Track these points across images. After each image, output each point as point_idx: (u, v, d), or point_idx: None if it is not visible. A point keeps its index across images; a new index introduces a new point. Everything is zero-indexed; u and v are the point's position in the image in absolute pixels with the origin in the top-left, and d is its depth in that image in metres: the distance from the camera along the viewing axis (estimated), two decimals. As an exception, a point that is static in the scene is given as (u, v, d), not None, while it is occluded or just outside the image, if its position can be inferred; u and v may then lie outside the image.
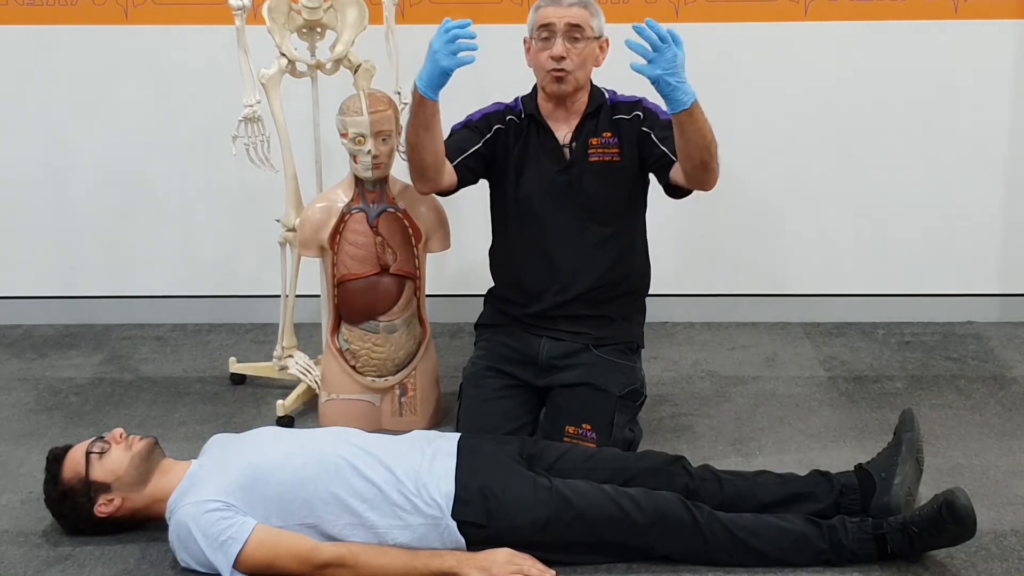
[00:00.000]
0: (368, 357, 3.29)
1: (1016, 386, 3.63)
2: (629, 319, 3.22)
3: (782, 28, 4.00)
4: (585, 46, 3.04)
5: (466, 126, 3.19)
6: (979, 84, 4.03)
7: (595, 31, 3.07)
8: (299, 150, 3.45)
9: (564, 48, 3.02)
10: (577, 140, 3.12)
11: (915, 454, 2.73)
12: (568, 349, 3.14)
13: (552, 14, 3.04)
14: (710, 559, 2.59)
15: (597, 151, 3.11)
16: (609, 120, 3.13)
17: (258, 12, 3.32)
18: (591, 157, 3.11)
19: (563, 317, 3.14)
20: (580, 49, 3.04)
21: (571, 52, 3.03)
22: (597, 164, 3.11)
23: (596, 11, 3.09)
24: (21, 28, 4.06)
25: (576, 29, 3.03)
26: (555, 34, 3.02)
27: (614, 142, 3.12)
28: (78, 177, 4.20)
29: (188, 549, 2.55)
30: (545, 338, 3.15)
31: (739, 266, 4.23)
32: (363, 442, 2.71)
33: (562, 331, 3.15)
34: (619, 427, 3.04)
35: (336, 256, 3.26)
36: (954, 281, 4.20)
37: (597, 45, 3.09)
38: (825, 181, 4.14)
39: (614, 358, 3.14)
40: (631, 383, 3.12)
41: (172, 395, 3.66)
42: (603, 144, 3.11)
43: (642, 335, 3.27)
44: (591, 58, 3.09)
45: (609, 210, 3.13)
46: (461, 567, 2.51)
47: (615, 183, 3.13)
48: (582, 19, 3.04)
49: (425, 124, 2.93)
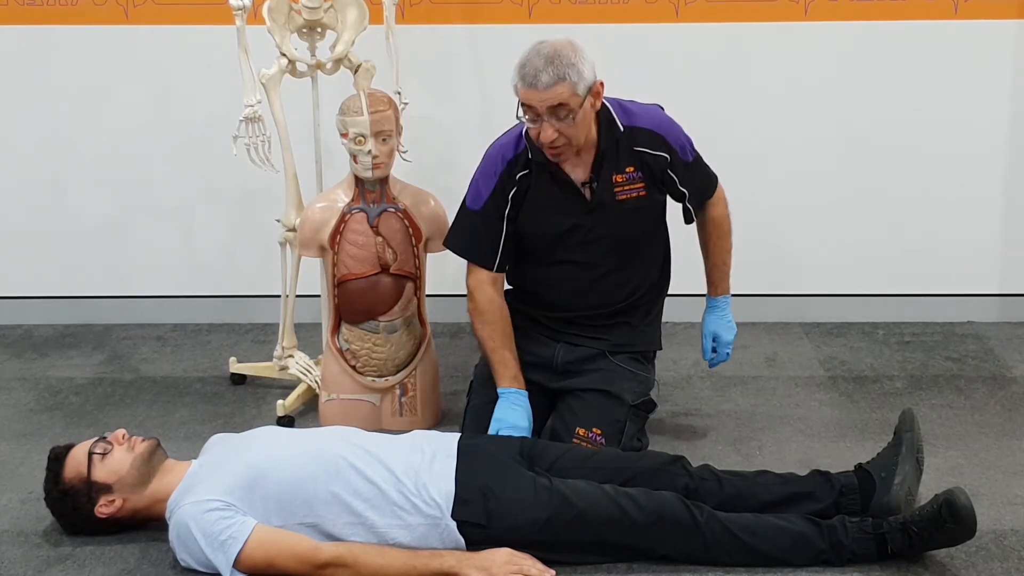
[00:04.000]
0: (368, 357, 3.30)
1: (1016, 386, 3.63)
2: (650, 322, 3.19)
3: (782, 28, 4.00)
4: (576, 116, 2.81)
5: (482, 212, 3.00)
6: (979, 84, 4.03)
7: (582, 94, 2.80)
8: (299, 150, 3.45)
9: (553, 130, 2.81)
10: (598, 180, 2.95)
11: (915, 454, 2.73)
12: (584, 355, 3.10)
13: (532, 98, 2.80)
14: (710, 559, 2.59)
15: (624, 189, 2.96)
16: (630, 152, 2.95)
17: (258, 12, 3.32)
18: (619, 196, 2.95)
19: (585, 325, 3.10)
20: (572, 123, 2.82)
21: (562, 129, 2.82)
22: (626, 202, 2.97)
23: (577, 72, 2.79)
24: (21, 28, 4.06)
25: (561, 108, 2.79)
26: (540, 116, 2.81)
27: (638, 176, 2.96)
28: (78, 177, 4.20)
29: (188, 549, 2.55)
30: (561, 344, 3.11)
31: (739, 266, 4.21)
32: (363, 442, 2.71)
33: (580, 336, 3.11)
34: (629, 436, 3.02)
35: (336, 256, 3.26)
36: (954, 281, 4.20)
37: (590, 100, 2.84)
38: (825, 181, 4.14)
39: (629, 367, 3.10)
40: (644, 394, 3.10)
41: (172, 395, 3.66)
42: (628, 180, 2.96)
43: (660, 337, 3.23)
44: (587, 119, 2.86)
45: (638, 239, 3.06)
46: (461, 567, 2.51)
47: (643, 216, 3.03)
48: (563, 96, 2.78)
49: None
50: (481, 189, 3.01)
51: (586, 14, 3.99)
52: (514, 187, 2.98)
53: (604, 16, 3.99)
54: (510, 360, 3.03)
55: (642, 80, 4.03)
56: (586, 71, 2.81)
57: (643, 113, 3.00)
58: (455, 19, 3.99)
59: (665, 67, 4.04)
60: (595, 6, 3.99)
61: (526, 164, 2.98)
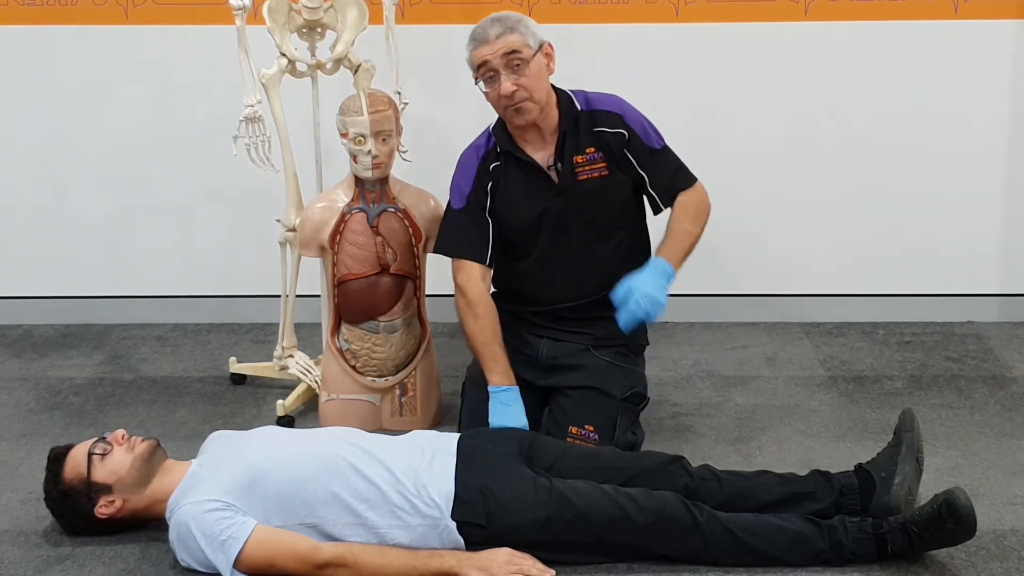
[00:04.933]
0: (368, 357, 3.30)
1: (1016, 386, 3.63)
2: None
3: (782, 28, 4.00)
4: (530, 67, 2.93)
5: (467, 209, 3.08)
6: (979, 84, 4.03)
7: (533, 46, 2.95)
8: (299, 150, 3.45)
9: (511, 81, 2.92)
10: (562, 161, 3.03)
11: (915, 454, 2.73)
12: (568, 350, 3.12)
13: (485, 52, 2.94)
14: (710, 559, 2.59)
15: (585, 169, 3.03)
16: (590, 133, 3.03)
17: (258, 12, 3.32)
18: (580, 176, 3.03)
19: (569, 318, 3.12)
20: (526, 73, 2.93)
21: (519, 81, 2.93)
22: (587, 183, 3.03)
23: (526, 26, 2.96)
24: (21, 28, 4.06)
25: (514, 56, 2.92)
26: (496, 71, 2.93)
27: (599, 156, 3.03)
28: (78, 177, 4.20)
29: (188, 548, 2.55)
30: (545, 339, 3.14)
31: (739, 266, 4.22)
32: (363, 442, 2.71)
33: (564, 331, 3.14)
34: (622, 429, 3.04)
35: (336, 256, 3.26)
36: (954, 281, 4.20)
37: (542, 56, 2.97)
38: (825, 181, 4.14)
39: (616, 361, 3.12)
40: (633, 386, 3.11)
41: (172, 395, 3.66)
42: (589, 161, 3.03)
43: (646, 331, 3.25)
44: (541, 74, 2.98)
45: (609, 222, 3.09)
46: (461, 567, 2.51)
47: (609, 197, 3.07)
48: (516, 43, 2.92)
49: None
50: (462, 187, 3.10)
51: (586, 14, 3.99)
52: (490, 179, 3.07)
53: (604, 16, 3.99)
54: (500, 355, 3.05)
55: (642, 80, 4.05)
56: (534, 27, 2.98)
57: (602, 98, 3.09)
58: (455, 19, 3.98)
59: (665, 67, 4.04)
60: (595, 6, 3.99)
61: (496, 155, 3.08)
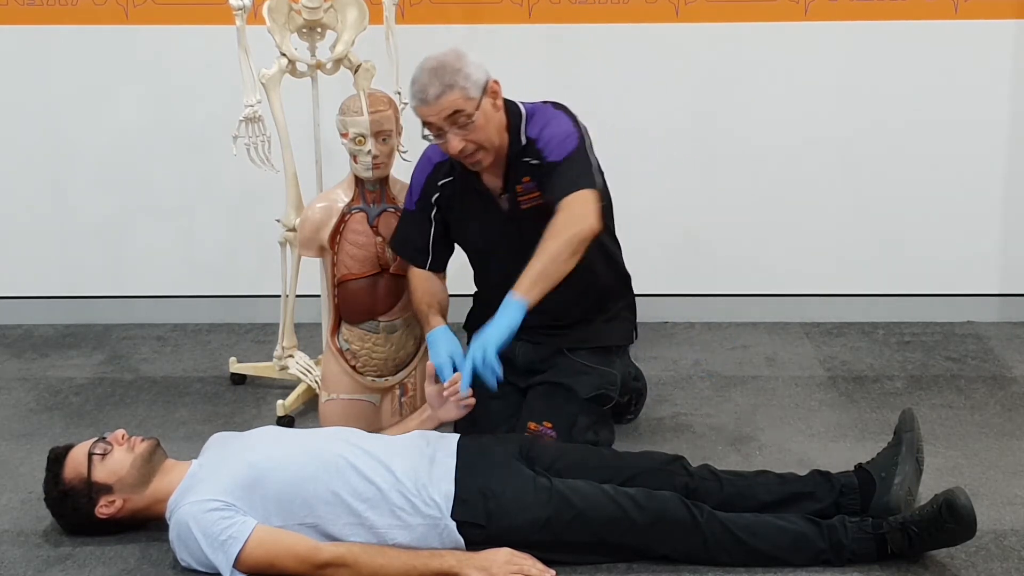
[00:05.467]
0: (368, 357, 3.29)
1: (1016, 386, 3.63)
2: (610, 319, 3.16)
3: (782, 28, 4.00)
4: (476, 120, 2.83)
5: (412, 211, 3.09)
6: (979, 84, 4.03)
7: (476, 96, 2.83)
8: (299, 150, 3.45)
9: (459, 139, 2.84)
10: (507, 190, 2.99)
11: (915, 454, 2.73)
12: (544, 353, 3.11)
13: (428, 114, 2.84)
14: (710, 559, 2.59)
15: (524, 198, 2.97)
16: (522, 164, 2.95)
17: (258, 12, 3.32)
18: (522, 205, 2.97)
19: (537, 328, 3.02)
20: (473, 127, 2.83)
21: (468, 136, 2.84)
22: (530, 210, 2.96)
23: (465, 76, 2.82)
24: (21, 28, 4.06)
25: (458, 116, 2.82)
26: (442, 129, 2.84)
27: (533, 186, 2.96)
28: (78, 177, 4.20)
29: (188, 548, 2.55)
30: (521, 341, 3.02)
31: (739, 266, 4.23)
32: (363, 442, 2.72)
33: (540, 334, 3.09)
34: (581, 429, 3.00)
35: (336, 256, 3.26)
36: (954, 281, 4.20)
37: (487, 100, 2.86)
38: (825, 181, 4.14)
39: (588, 362, 3.08)
40: (600, 387, 3.06)
41: (172, 395, 3.66)
42: (526, 190, 2.96)
43: (629, 332, 3.21)
44: (489, 120, 2.87)
45: None
46: (461, 567, 2.51)
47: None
48: (456, 103, 2.81)
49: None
50: (413, 188, 3.12)
51: (586, 14, 3.99)
52: (436, 192, 3.06)
53: (604, 16, 3.99)
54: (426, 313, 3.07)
55: (642, 80, 4.05)
56: (474, 73, 2.83)
57: (537, 119, 2.96)
58: (455, 19, 3.99)
59: (665, 67, 4.04)
60: (595, 6, 3.99)
61: (449, 172, 3.04)
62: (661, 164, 4.12)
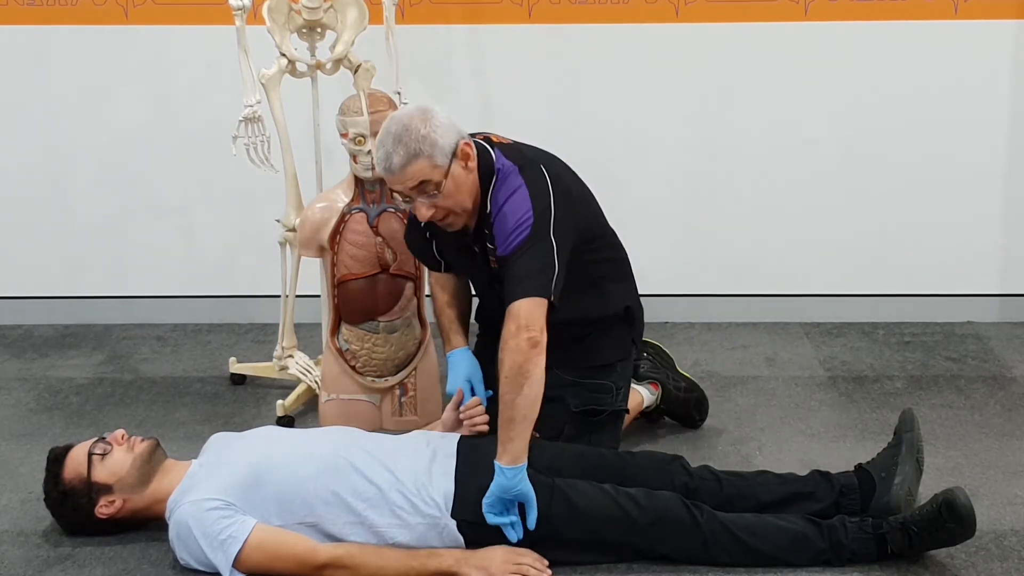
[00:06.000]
0: (368, 357, 3.30)
1: (1016, 386, 3.63)
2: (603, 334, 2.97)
3: (782, 28, 3.99)
4: (445, 188, 2.66)
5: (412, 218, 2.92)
6: (979, 84, 4.03)
7: (444, 163, 2.65)
8: (299, 150, 3.45)
9: (426, 207, 2.68)
10: (482, 247, 2.82)
11: (915, 454, 2.73)
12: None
13: (393, 183, 2.70)
14: (710, 559, 2.59)
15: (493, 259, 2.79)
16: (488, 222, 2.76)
17: (258, 12, 3.32)
18: (492, 264, 2.80)
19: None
20: (444, 194, 2.67)
21: (437, 203, 2.68)
22: (496, 269, 2.78)
23: (431, 144, 2.63)
24: (21, 28, 4.06)
25: (425, 185, 2.65)
26: (410, 196, 2.69)
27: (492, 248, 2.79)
28: (78, 177, 4.20)
29: (188, 548, 2.55)
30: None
31: (739, 266, 4.23)
32: (363, 442, 2.72)
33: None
34: (570, 439, 2.90)
35: (336, 256, 3.26)
36: (954, 281, 4.20)
37: (457, 164, 2.67)
38: (825, 181, 4.14)
39: (580, 378, 2.94)
40: (590, 402, 2.94)
41: (172, 395, 3.66)
42: (491, 251, 2.79)
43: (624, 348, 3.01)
44: (460, 184, 2.68)
45: None
46: (459, 567, 2.52)
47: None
48: (421, 172, 2.63)
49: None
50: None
51: (586, 14, 3.99)
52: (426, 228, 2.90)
53: (604, 16, 3.99)
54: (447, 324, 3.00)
55: (642, 80, 4.05)
56: (442, 138, 2.64)
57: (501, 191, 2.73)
58: (455, 19, 3.99)
59: (665, 67, 4.04)
60: (595, 6, 3.99)
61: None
62: (661, 164, 4.12)
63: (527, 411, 2.55)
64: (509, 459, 2.53)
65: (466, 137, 2.73)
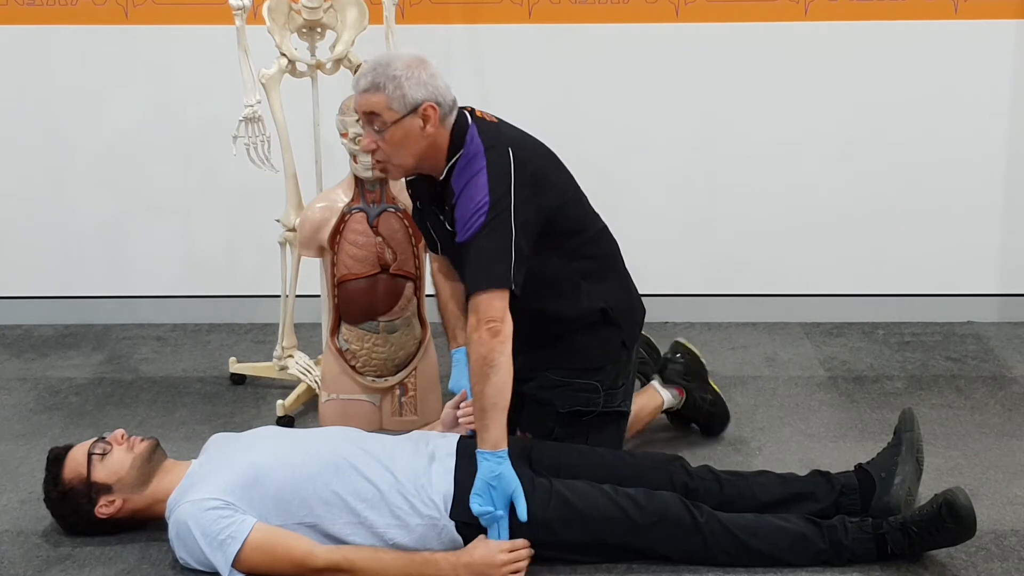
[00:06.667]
0: (368, 357, 3.30)
1: (1016, 386, 3.63)
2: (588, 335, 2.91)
3: (782, 28, 3.99)
4: (391, 132, 2.65)
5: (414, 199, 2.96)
6: (979, 84, 4.03)
7: (399, 110, 2.62)
8: (299, 150, 3.45)
9: (369, 139, 2.68)
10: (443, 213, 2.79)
11: (915, 454, 2.73)
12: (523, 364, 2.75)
13: (354, 100, 2.72)
14: (710, 559, 2.59)
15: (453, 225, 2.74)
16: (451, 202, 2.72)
17: (258, 12, 3.32)
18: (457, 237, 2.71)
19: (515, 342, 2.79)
20: (385, 138, 2.66)
21: (378, 142, 2.67)
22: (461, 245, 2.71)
23: (398, 85, 2.61)
24: (21, 28, 4.06)
25: (373, 118, 2.65)
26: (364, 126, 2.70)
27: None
28: (78, 177, 4.20)
29: (187, 547, 2.55)
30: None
31: (739, 266, 4.23)
32: (363, 442, 2.72)
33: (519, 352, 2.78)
34: (565, 440, 2.88)
35: (336, 256, 3.26)
36: (954, 281, 4.20)
37: (415, 119, 2.64)
38: (824, 180, 4.14)
39: (565, 378, 2.91)
40: (577, 403, 2.91)
41: (172, 395, 3.66)
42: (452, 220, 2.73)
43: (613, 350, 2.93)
44: (407, 139, 2.66)
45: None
46: (457, 573, 2.51)
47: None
48: (376, 105, 2.63)
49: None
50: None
51: (586, 14, 3.99)
52: (409, 187, 2.96)
53: (604, 16, 3.99)
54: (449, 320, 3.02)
55: (642, 80, 4.05)
56: (411, 90, 2.62)
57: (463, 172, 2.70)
58: (455, 19, 3.99)
59: (665, 67, 4.04)
60: (595, 6, 3.99)
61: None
62: (661, 164, 4.12)
63: (497, 398, 2.56)
64: (489, 446, 2.57)
65: (444, 102, 2.67)
